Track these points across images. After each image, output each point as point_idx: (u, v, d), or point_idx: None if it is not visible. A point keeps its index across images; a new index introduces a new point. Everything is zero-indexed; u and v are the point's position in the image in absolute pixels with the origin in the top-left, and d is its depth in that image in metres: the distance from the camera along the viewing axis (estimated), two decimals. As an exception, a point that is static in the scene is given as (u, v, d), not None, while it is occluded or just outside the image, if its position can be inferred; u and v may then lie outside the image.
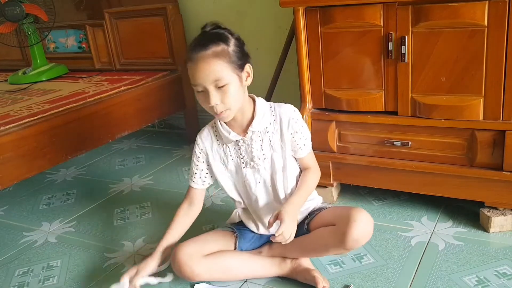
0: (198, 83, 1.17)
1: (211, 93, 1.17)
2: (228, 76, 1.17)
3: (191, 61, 1.17)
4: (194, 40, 1.20)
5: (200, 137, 1.36)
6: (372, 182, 1.63)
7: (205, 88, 1.17)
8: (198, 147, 1.36)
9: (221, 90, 1.17)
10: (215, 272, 1.30)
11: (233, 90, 1.18)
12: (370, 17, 1.43)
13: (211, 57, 1.15)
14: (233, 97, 1.19)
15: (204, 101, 1.20)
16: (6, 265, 1.59)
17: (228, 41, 1.19)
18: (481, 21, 1.29)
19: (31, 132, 1.71)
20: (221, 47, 1.17)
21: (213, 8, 2.43)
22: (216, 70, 1.15)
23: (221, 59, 1.16)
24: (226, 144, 1.32)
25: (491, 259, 1.34)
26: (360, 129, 1.58)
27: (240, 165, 1.32)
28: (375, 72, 1.49)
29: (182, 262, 1.27)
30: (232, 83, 1.18)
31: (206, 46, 1.16)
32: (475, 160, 1.43)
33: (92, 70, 2.64)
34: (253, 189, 1.34)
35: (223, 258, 1.31)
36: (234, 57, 1.18)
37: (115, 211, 1.88)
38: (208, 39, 1.17)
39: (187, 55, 1.19)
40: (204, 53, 1.15)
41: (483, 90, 1.35)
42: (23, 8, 2.39)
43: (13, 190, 2.19)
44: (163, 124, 2.88)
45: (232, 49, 1.19)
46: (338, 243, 1.22)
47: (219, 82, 1.16)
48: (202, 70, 1.15)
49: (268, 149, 1.30)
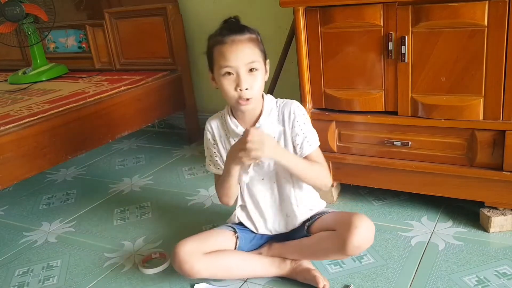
0: (232, 65, 1.18)
1: (242, 77, 1.19)
2: (260, 63, 1.22)
3: (224, 43, 1.19)
4: (223, 26, 1.23)
5: (210, 123, 1.37)
6: (372, 182, 1.63)
7: (237, 71, 1.19)
8: (209, 133, 1.37)
9: (251, 75, 1.20)
10: (215, 270, 1.30)
11: (261, 77, 1.22)
12: (370, 17, 1.43)
13: (247, 41, 1.20)
14: (260, 85, 1.23)
15: (230, 86, 1.21)
16: (6, 265, 1.59)
17: (256, 34, 1.25)
18: (481, 21, 1.29)
19: (31, 132, 1.71)
20: (254, 35, 1.23)
21: (213, 8, 2.43)
22: (252, 52, 1.20)
23: (255, 45, 1.22)
24: (232, 137, 1.32)
25: (491, 259, 1.34)
26: (360, 129, 1.58)
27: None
28: (375, 72, 1.49)
29: (182, 260, 1.26)
30: (261, 69, 1.22)
31: (242, 31, 1.21)
32: (475, 160, 1.43)
33: (92, 70, 2.64)
34: (256, 185, 1.34)
35: (223, 256, 1.31)
36: (262, 48, 1.25)
37: (115, 211, 1.88)
38: (242, 25, 1.23)
39: (216, 39, 1.22)
40: (240, 37, 1.20)
41: (483, 90, 1.35)
42: (23, 8, 2.39)
43: (13, 190, 2.19)
44: (163, 124, 2.88)
45: (261, 41, 1.25)
46: (338, 249, 1.22)
47: (253, 65, 1.19)
48: (240, 51, 1.18)
49: None
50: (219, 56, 1.21)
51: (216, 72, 1.23)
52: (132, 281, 1.42)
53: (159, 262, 1.48)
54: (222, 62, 1.20)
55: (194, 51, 2.57)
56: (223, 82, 1.21)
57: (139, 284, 1.40)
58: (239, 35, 1.20)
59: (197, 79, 2.63)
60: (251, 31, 1.23)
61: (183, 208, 1.84)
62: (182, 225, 1.71)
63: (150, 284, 1.39)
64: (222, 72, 1.20)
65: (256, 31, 1.26)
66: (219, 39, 1.21)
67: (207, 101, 2.66)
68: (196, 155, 2.38)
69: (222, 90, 1.23)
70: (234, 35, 1.19)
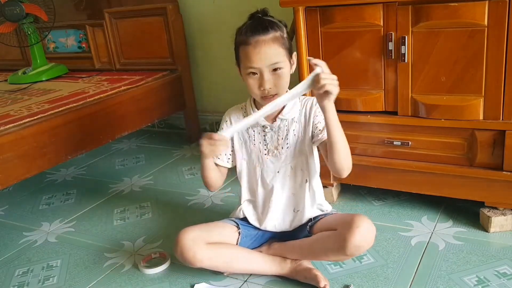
0: (256, 66, 1.21)
1: (266, 77, 1.21)
2: (284, 61, 1.23)
3: (248, 44, 1.21)
4: (249, 24, 1.23)
5: (229, 114, 1.39)
6: (372, 182, 1.63)
7: (261, 71, 1.21)
8: (225, 124, 1.39)
9: (275, 74, 1.22)
10: (217, 262, 1.30)
11: (285, 74, 1.24)
12: (370, 17, 1.43)
13: (271, 42, 1.20)
14: (285, 81, 1.24)
15: (255, 85, 1.24)
16: (6, 265, 1.59)
17: (282, 28, 1.25)
18: (481, 21, 1.29)
19: (31, 132, 1.71)
20: (278, 32, 1.22)
21: (213, 8, 2.43)
22: (275, 53, 1.21)
23: (279, 44, 1.22)
24: (251, 127, 1.34)
25: (491, 259, 1.34)
26: (360, 129, 1.58)
27: (262, 152, 1.34)
28: (375, 72, 1.49)
29: (185, 247, 1.26)
30: (285, 67, 1.24)
31: (266, 30, 1.20)
32: (475, 160, 1.43)
33: (92, 70, 2.64)
34: (270, 177, 1.35)
35: (226, 249, 1.31)
36: (287, 44, 1.25)
37: (115, 211, 1.88)
38: (266, 24, 1.22)
39: (241, 38, 1.23)
40: (264, 37, 1.20)
41: (483, 90, 1.35)
42: (23, 8, 2.39)
43: (13, 190, 2.19)
44: (163, 124, 2.88)
45: (285, 36, 1.25)
46: (338, 248, 1.22)
47: (276, 65, 1.21)
48: (263, 53, 1.20)
49: (292, 138, 1.32)
50: (243, 56, 1.23)
51: (242, 69, 1.27)
52: (132, 281, 1.42)
53: (159, 262, 1.48)
54: (246, 63, 1.23)
55: (194, 51, 2.57)
56: (248, 80, 1.25)
57: (139, 284, 1.40)
58: (263, 35, 1.20)
59: (197, 79, 2.63)
60: (276, 27, 1.23)
61: (183, 208, 1.84)
62: (182, 225, 1.69)
63: (150, 284, 1.39)
64: (247, 72, 1.24)
65: (282, 26, 1.26)
66: (243, 39, 1.22)
67: (207, 101, 2.66)
68: (196, 155, 2.38)
69: (248, 86, 1.26)
70: (258, 36, 1.20)
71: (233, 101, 2.54)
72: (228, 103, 1.34)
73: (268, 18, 1.25)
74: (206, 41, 2.52)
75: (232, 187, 1.95)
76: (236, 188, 1.34)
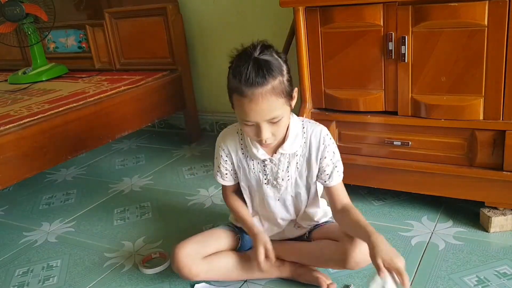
0: (252, 120, 1.10)
1: (263, 128, 1.11)
2: (283, 110, 1.11)
3: (244, 96, 1.06)
4: (244, 69, 1.06)
5: (224, 141, 1.29)
6: (372, 182, 1.63)
7: (258, 124, 1.11)
8: (223, 151, 1.30)
9: (274, 124, 1.12)
10: (213, 274, 1.30)
11: (285, 122, 1.15)
12: (370, 17, 1.43)
13: (269, 94, 1.06)
14: (283, 128, 1.17)
15: (251, 132, 1.14)
16: (6, 265, 1.59)
17: (283, 70, 1.10)
18: (481, 21, 1.29)
19: (31, 132, 1.71)
20: (278, 80, 1.08)
21: (213, 8, 2.43)
22: (274, 108, 1.08)
23: (279, 95, 1.08)
24: (250, 158, 1.27)
25: (491, 259, 1.34)
26: (360, 129, 1.58)
27: (262, 181, 1.29)
28: (375, 72, 1.49)
29: (181, 263, 1.26)
30: (285, 115, 1.13)
31: (264, 81, 1.05)
32: (475, 160, 1.43)
33: (92, 70, 2.64)
34: (271, 205, 1.32)
35: (222, 260, 1.31)
36: (288, 87, 1.11)
37: (115, 211, 1.88)
38: (264, 72, 1.06)
39: (237, 86, 1.07)
40: (262, 90, 1.06)
41: (483, 90, 1.35)
42: (23, 8, 2.39)
43: (13, 190, 2.19)
44: (163, 124, 2.88)
45: (286, 79, 1.11)
46: (339, 261, 1.22)
47: (275, 119, 1.10)
48: (260, 109, 1.07)
49: (294, 171, 1.26)
50: (238, 106, 1.10)
51: (236, 114, 1.14)
52: (132, 281, 1.42)
53: (159, 262, 1.48)
54: (241, 115, 1.11)
55: (194, 51, 2.57)
56: (243, 127, 1.15)
57: (139, 284, 1.40)
58: (260, 87, 1.05)
59: (197, 79, 2.63)
60: (275, 73, 1.07)
61: (183, 208, 1.84)
62: (182, 225, 1.71)
63: (150, 284, 1.39)
64: (241, 121, 1.13)
65: (282, 65, 1.11)
66: (237, 87, 1.08)
67: (207, 101, 2.66)
68: (196, 155, 2.38)
69: (243, 130, 1.18)
70: (255, 87, 1.05)
71: (233, 101, 2.55)
72: (228, 102, 1.33)
73: (266, 59, 1.08)
74: (206, 41, 2.52)
75: (232, 187, 1.95)
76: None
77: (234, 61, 1.12)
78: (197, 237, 1.34)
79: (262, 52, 1.10)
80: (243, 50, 1.12)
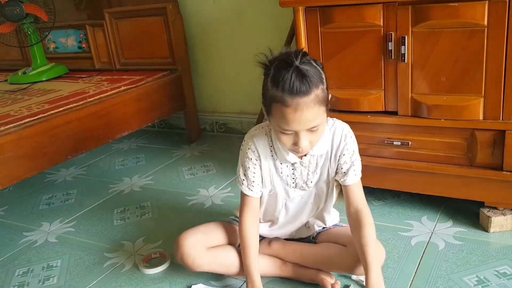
0: (293, 129, 1.07)
1: (302, 137, 1.08)
2: (323, 118, 1.10)
3: (288, 106, 1.04)
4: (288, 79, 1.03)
5: (254, 141, 1.23)
6: (372, 182, 1.63)
7: (297, 132, 1.08)
8: (253, 154, 1.23)
9: (312, 132, 1.10)
10: (216, 266, 1.30)
11: (322, 129, 1.12)
12: (370, 17, 1.43)
13: (313, 104, 1.04)
14: (320, 136, 1.14)
15: (287, 141, 1.11)
16: (6, 265, 1.59)
17: (323, 78, 1.08)
18: (481, 21, 1.29)
19: (31, 132, 1.71)
20: (320, 88, 1.06)
21: (213, 8, 2.43)
22: (316, 116, 1.06)
23: (321, 103, 1.06)
24: (280, 161, 1.23)
25: (491, 259, 1.34)
26: (360, 129, 1.57)
27: (290, 185, 1.26)
28: (375, 72, 1.49)
29: (185, 252, 1.26)
30: (323, 123, 1.11)
31: (309, 90, 1.03)
32: (475, 160, 1.43)
33: (92, 70, 2.64)
34: (295, 206, 1.30)
35: (225, 253, 1.31)
36: (327, 95, 1.10)
37: (115, 211, 1.88)
38: (308, 81, 1.03)
39: (277, 94, 1.04)
40: (307, 99, 1.03)
41: (483, 90, 1.35)
42: (23, 8, 2.39)
43: (13, 190, 2.19)
44: (163, 124, 2.88)
45: (326, 86, 1.09)
46: (346, 266, 1.22)
47: (315, 128, 1.08)
48: (304, 119, 1.05)
49: (319, 171, 1.25)
50: (279, 116, 1.07)
51: (273, 123, 1.11)
52: (132, 281, 1.42)
53: (159, 262, 1.48)
54: (282, 125, 1.07)
55: (194, 51, 2.57)
56: (280, 136, 1.12)
57: (139, 284, 1.40)
58: (305, 96, 1.03)
59: (197, 79, 2.63)
60: (318, 82, 1.05)
61: (183, 208, 1.84)
62: (182, 225, 1.70)
63: (150, 284, 1.39)
64: (280, 130, 1.10)
65: (322, 74, 1.09)
66: (280, 97, 1.04)
67: (207, 101, 2.66)
68: (196, 155, 2.38)
69: (277, 138, 1.15)
70: (299, 97, 1.02)
71: (233, 101, 2.56)
72: (228, 103, 1.32)
73: (307, 68, 1.05)
74: (206, 41, 2.52)
75: (232, 187, 1.95)
76: (236, 188, 1.33)
77: (271, 69, 1.08)
78: (201, 227, 1.34)
79: (302, 60, 1.06)
80: (281, 58, 1.08)
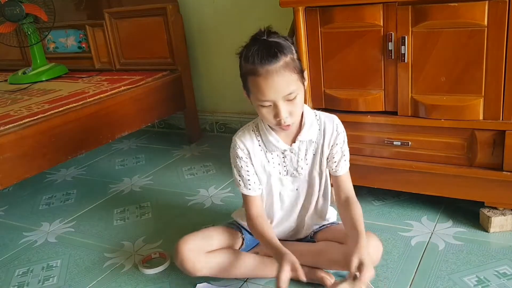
0: (269, 99, 1.11)
1: (281, 107, 1.12)
2: (298, 86, 1.13)
3: (259, 75, 1.09)
4: (255, 50, 1.10)
5: (241, 139, 1.27)
6: (372, 182, 1.63)
7: (275, 102, 1.12)
8: (241, 151, 1.26)
9: (290, 102, 1.13)
10: (216, 270, 1.30)
11: (300, 100, 1.15)
12: (370, 17, 1.43)
13: (283, 70, 1.09)
14: (300, 107, 1.17)
15: (269, 115, 1.15)
16: (6, 265, 1.59)
17: (292, 50, 1.13)
18: (481, 21, 1.29)
19: (31, 132, 1.71)
20: (289, 56, 1.11)
21: (213, 8, 2.43)
22: (289, 82, 1.10)
23: (292, 70, 1.11)
24: (270, 151, 1.27)
25: (491, 259, 1.34)
26: (360, 129, 1.58)
27: (282, 173, 1.29)
28: (375, 72, 1.49)
29: (184, 257, 1.26)
30: (300, 93, 1.14)
31: (276, 57, 1.08)
32: (475, 160, 1.43)
33: (92, 70, 2.64)
34: (286, 196, 1.32)
35: (225, 257, 1.31)
36: (299, 65, 1.14)
37: (115, 211, 1.88)
38: (275, 49, 1.09)
39: (248, 67, 1.11)
40: (275, 66, 1.08)
41: (483, 90, 1.35)
42: (23, 8, 2.39)
43: (13, 190, 2.19)
44: (163, 124, 2.88)
45: (296, 57, 1.14)
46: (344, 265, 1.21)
47: (291, 95, 1.11)
48: (276, 84, 1.09)
49: (311, 157, 1.28)
50: (254, 88, 1.12)
51: (252, 99, 1.17)
52: (132, 281, 1.42)
53: (159, 262, 1.48)
54: (258, 96, 1.12)
55: (194, 51, 2.57)
56: (261, 111, 1.15)
57: (139, 284, 1.40)
58: (273, 63, 1.08)
59: (197, 79, 2.63)
60: (285, 51, 1.10)
61: (183, 208, 1.84)
62: (182, 225, 1.71)
63: (150, 284, 1.39)
64: (259, 103, 1.14)
65: (291, 45, 1.14)
66: (251, 69, 1.10)
67: (207, 101, 2.66)
68: (196, 155, 2.38)
69: (260, 116, 1.18)
70: (268, 65, 1.08)
71: (233, 101, 2.56)
72: (228, 103, 1.32)
73: (275, 40, 1.12)
74: (206, 41, 2.52)
75: (232, 187, 1.95)
76: (237, 188, 1.33)
77: (243, 49, 1.14)
78: (201, 232, 1.34)
79: (270, 35, 1.13)
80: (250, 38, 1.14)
